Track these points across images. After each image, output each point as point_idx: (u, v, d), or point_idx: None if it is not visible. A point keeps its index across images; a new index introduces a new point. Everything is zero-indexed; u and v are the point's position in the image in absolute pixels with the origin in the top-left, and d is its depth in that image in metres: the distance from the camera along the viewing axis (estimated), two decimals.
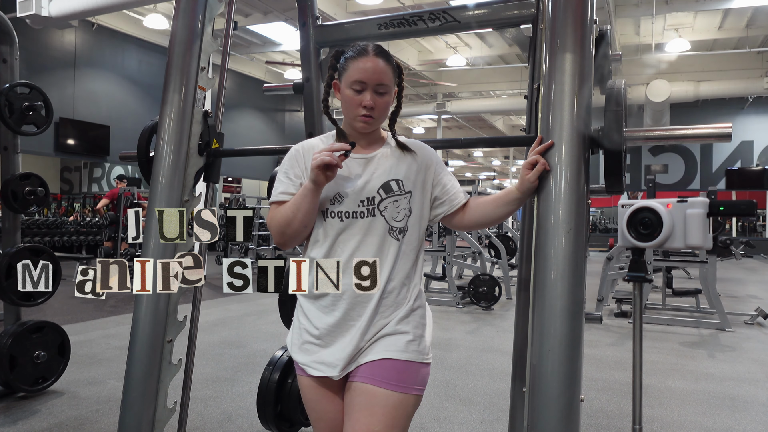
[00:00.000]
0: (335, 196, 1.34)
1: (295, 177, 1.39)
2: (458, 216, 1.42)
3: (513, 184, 7.39)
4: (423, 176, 1.39)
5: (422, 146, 1.44)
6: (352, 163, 1.36)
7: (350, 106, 1.32)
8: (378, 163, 1.37)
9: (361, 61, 1.30)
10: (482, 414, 3.15)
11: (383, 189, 1.34)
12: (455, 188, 1.42)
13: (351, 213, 1.33)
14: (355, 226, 1.33)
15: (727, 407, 3.35)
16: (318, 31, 2.54)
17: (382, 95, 1.31)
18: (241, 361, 4.14)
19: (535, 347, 1.36)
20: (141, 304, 1.84)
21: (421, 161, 1.40)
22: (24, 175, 3.37)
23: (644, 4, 10.99)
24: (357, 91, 1.31)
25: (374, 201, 1.34)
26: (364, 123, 1.33)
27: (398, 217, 1.34)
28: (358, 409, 1.31)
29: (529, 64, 2.07)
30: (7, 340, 3.12)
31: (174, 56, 1.97)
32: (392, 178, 1.35)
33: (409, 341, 1.35)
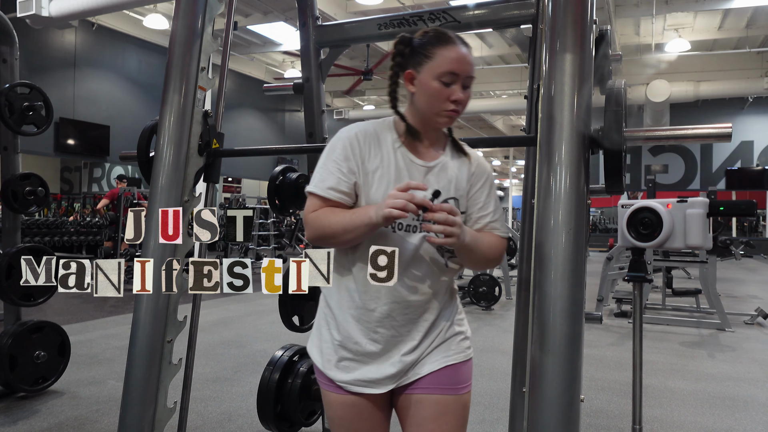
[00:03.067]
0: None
1: (349, 172, 1.24)
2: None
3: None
4: (470, 188, 1.33)
5: (480, 158, 1.37)
6: (413, 169, 1.26)
7: (437, 100, 1.20)
8: (439, 175, 1.27)
9: (452, 51, 1.19)
10: (482, 414, 3.15)
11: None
12: (493, 215, 1.33)
13: (405, 225, 1.24)
14: (408, 239, 1.25)
15: (727, 407, 3.35)
16: (318, 31, 2.54)
17: (467, 89, 1.22)
18: (241, 361, 4.14)
19: (535, 347, 1.36)
20: (141, 304, 1.84)
21: (475, 172, 1.33)
22: (24, 175, 3.37)
23: (644, 4, 10.98)
24: (446, 84, 1.19)
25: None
26: (448, 119, 1.23)
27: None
28: (430, 420, 1.27)
29: (529, 64, 2.07)
30: (7, 340, 3.12)
31: (174, 56, 1.96)
32: (451, 196, 1.28)
33: (462, 340, 1.34)
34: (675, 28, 12.55)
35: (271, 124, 17.26)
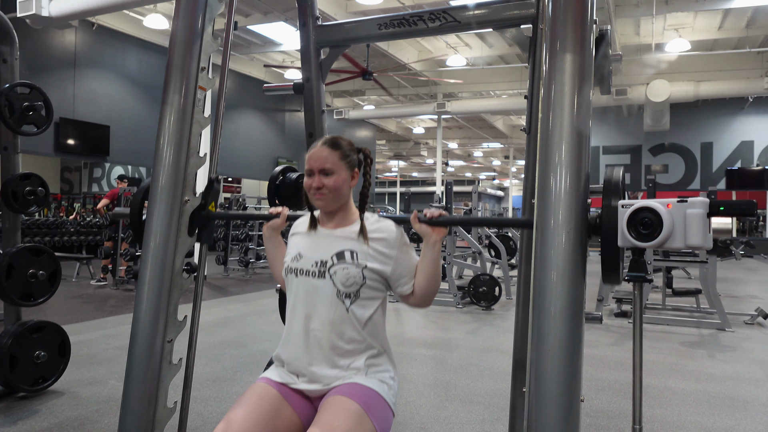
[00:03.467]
0: (296, 255, 1.57)
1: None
2: (410, 299, 1.57)
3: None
4: (382, 257, 1.52)
5: (387, 230, 1.56)
6: (320, 234, 1.59)
7: (306, 189, 1.56)
8: (339, 237, 1.56)
9: (309, 153, 1.56)
10: (482, 414, 3.15)
11: (336, 256, 1.52)
12: (406, 275, 1.55)
13: (304, 271, 1.54)
14: (306, 283, 1.53)
15: (727, 407, 3.35)
16: (318, 31, 2.54)
17: (328, 176, 1.52)
18: (241, 361, 4.15)
19: (535, 347, 1.36)
20: (141, 304, 1.84)
21: (384, 245, 1.53)
22: (24, 175, 3.37)
23: (644, 4, 10.98)
24: (310, 176, 1.54)
25: (326, 264, 1.51)
26: (318, 200, 1.55)
27: (347, 282, 1.49)
28: (323, 410, 1.42)
29: (529, 64, 2.07)
30: (8, 340, 3.12)
31: (174, 56, 1.96)
32: (347, 248, 1.52)
33: (378, 381, 1.51)
34: (675, 28, 12.55)
35: (271, 124, 17.26)
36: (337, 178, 1.52)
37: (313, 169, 1.53)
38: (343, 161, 1.54)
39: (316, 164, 1.53)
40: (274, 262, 1.77)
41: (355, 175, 1.58)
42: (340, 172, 1.53)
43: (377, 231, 1.55)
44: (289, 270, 1.57)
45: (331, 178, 1.52)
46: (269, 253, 1.79)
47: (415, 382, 3.75)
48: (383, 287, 1.56)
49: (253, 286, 8.67)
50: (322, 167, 1.52)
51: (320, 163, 1.52)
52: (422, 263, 1.56)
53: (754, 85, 13.82)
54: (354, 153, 1.58)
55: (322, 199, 1.54)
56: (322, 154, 1.53)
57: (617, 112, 17.27)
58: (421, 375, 3.93)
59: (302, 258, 1.56)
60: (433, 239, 1.55)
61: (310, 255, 1.55)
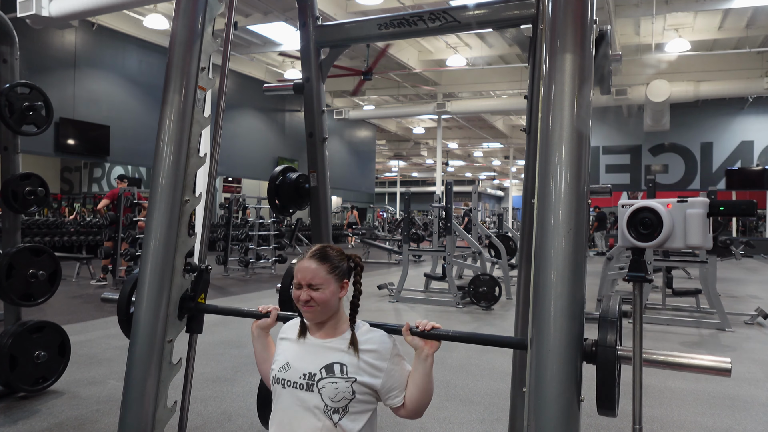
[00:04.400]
0: (284, 365, 1.52)
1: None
2: (401, 411, 1.53)
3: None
4: (373, 370, 1.48)
5: (379, 341, 1.52)
6: (309, 342, 1.55)
7: (295, 301, 1.53)
8: (329, 348, 1.51)
9: (298, 265, 1.53)
10: (482, 414, 3.15)
11: (325, 369, 1.47)
12: (397, 388, 1.51)
13: (292, 382, 1.49)
14: (293, 396, 1.48)
15: (727, 407, 3.35)
16: (318, 31, 2.54)
17: (317, 290, 1.48)
18: (241, 361, 4.15)
19: (535, 347, 1.36)
20: (141, 304, 1.84)
21: (375, 357, 1.49)
22: (24, 175, 3.37)
23: (644, 4, 10.98)
24: (298, 289, 1.51)
25: (314, 377, 1.47)
26: (306, 313, 1.52)
27: (336, 398, 1.45)
28: None
29: (529, 64, 2.07)
30: (8, 340, 3.12)
31: (174, 56, 1.96)
32: (337, 362, 1.48)
33: None
34: (675, 28, 12.55)
35: (271, 124, 17.26)
36: (325, 291, 1.49)
37: (301, 283, 1.50)
38: (331, 274, 1.51)
39: (304, 278, 1.49)
40: (262, 363, 1.73)
41: (345, 285, 1.54)
42: (329, 285, 1.50)
43: (368, 342, 1.51)
44: (276, 380, 1.53)
45: (319, 292, 1.49)
46: (257, 352, 1.76)
47: None
48: (373, 399, 1.51)
49: (253, 286, 8.67)
50: (310, 282, 1.49)
51: (308, 278, 1.49)
52: (414, 376, 1.52)
53: (754, 85, 13.82)
54: (344, 262, 1.55)
55: (310, 311, 1.50)
56: (310, 268, 1.50)
57: (617, 112, 17.27)
58: None
59: (290, 369, 1.51)
60: (425, 353, 1.52)
61: (299, 366, 1.50)
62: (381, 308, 6.72)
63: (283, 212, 2.61)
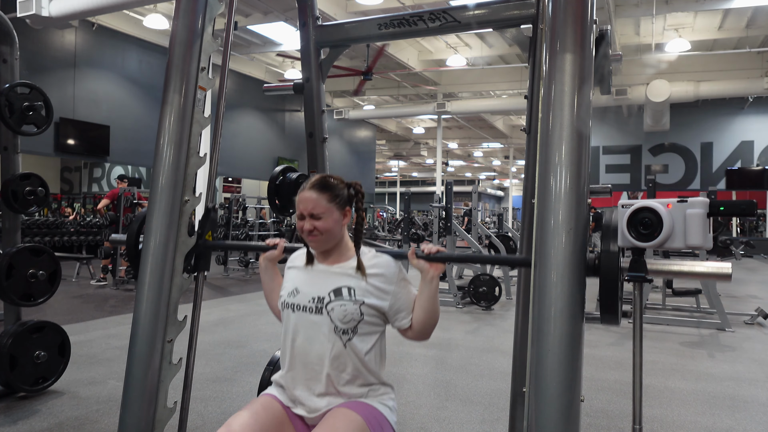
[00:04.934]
0: (293, 290, 1.57)
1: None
2: (408, 333, 1.57)
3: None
4: (380, 293, 1.52)
5: (385, 265, 1.56)
6: (317, 269, 1.59)
7: (299, 231, 1.56)
8: (337, 274, 1.55)
9: (299, 195, 1.56)
10: (482, 414, 3.15)
11: (334, 292, 1.51)
12: (404, 310, 1.55)
13: (301, 306, 1.53)
14: (303, 319, 1.52)
15: (727, 407, 3.35)
16: (318, 31, 2.54)
17: (319, 219, 1.52)
18: (241, 361, 4.15)
19: (535, 347, 1.36)
20: (141, 304, 1.84)
21: (382, 281, 1.53)
22: (24, 175, 3.37)
23: (644, 4, 10.98)
24: (301, 219, 1.55)
25: (323, 301, 1.51)
26: (311, 242, 1.56)
27: (345, 319, 1.48)
28: (324, 421, 1.43)
29: (529, 64, 2.07)
30: (8, 340, 3.12)
31: (174, 56, 1.96)
32: (345, 285, 1.52)
33: (379, 403, 1.52)
34: (675, 28, 12.55)
35: (271, 124, 17.26)
36: (327, 220, 1.52)
37: (304, 213, 1.53)
38: (332, 203, 1.53)
39: (306, 208, 1.52)
40: (270, 294, 1.77)
41: (347, 212, 1.57)
42: (331, 213, 1.52)
43: (375, 266, 1.54)
44: (285, 305, 1.57)
45: (322, 221, 1.51)
46: (265, 284, 1.79)
47: (415, 382, 3.75)
48: (381, 322, 1.55)
49: (253, 286, 8.67)
50: (312, 211, 1.52)
51: (310, 208, 1.52)
52: (420, 299, 1.55)
53: (754, 85, 13.81)
54: (344, 190, 1.57)
55: (314, 241, 1.54)
56: (311, 198, 1.52)
57: (617, 112, 17.27)
58: (421, 375, 3.93)
59: (299, 293, 1.55)
60: (430, 275, 1.54)
61: (307, 290, 1.54)
62: None
63: (283, 212, 2.61)
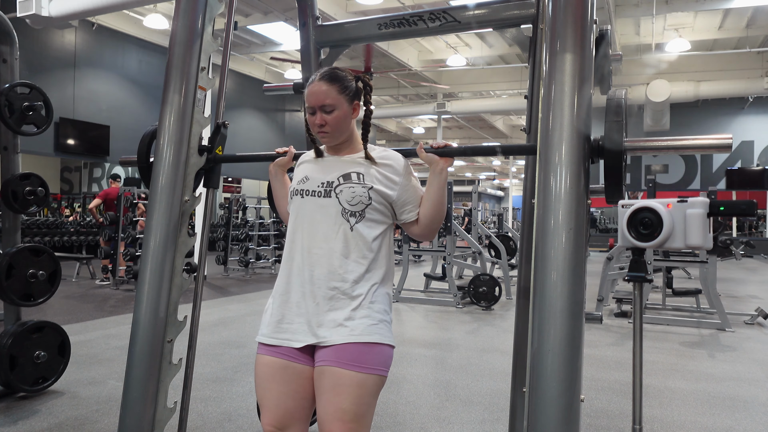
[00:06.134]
0: (303, 178, 1.58)
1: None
2: (414, 228, 1.57)
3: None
4: (388, 182, 1.53)
5: (394, 158, 1.57)
6: (327, 160, 1.60)
7: (310, 127, 1.55)
8: (346, 162, 1.57)
9: (308, 89, 1.53)
10: (482, 414, 3.15)
11: (343, 177, 1.52)
12: (411, 203, 1.56)
13: (310, 191, 1.54)
14: (312, 203, 1.53)
15: (727, 407, 3.35)
16: (318, 31, 2.54)
17: (330, 113, 1.51)
18: (241, 361, 4.15)
19: (535, 347, 1.36)
20: (141, 304, 1.84)
21: (390, 171, 1.54)
22: (24, 175, 3.37)
23: (644, 4, 10.98)
24: (312, 114, 1.53)
25: (332, 184, 1.52)
26: (322, 137, 1.56)
27: (352, 201, 1.49)
28: (327, 390, 1.42)
29: (529, 64, 2.07)
30: (7, 340, 3.12)
31: (174, 56, 1.96)
32: (354, 170, 1.53)
33: (372, 324, 1.46)
34: (675, 28, 12.55)
35: (271, 124, 17.25)
36: (338, 113, 1.51)
37: (314, 107, 1.52)
38: (342, 95, 1.52)
39: (317, 101, 1.51)
40: (279, 200, 1.79)
41: (357, 106, 1.57)
42: (341, 106, 1.52)
43: (384, 158, 1.55)
44: (294, 192, 1.58)
45: (333, 115, 1.51)
46: (275, 190, 1.81)
47: (415, 382, 3.75)
48: (389, 213, 1.55)
49: (253, 286, 8.67)
50: (323, 104, 1.50)
51: (320, 100, 1.51)
52: (428, 190, 1.56)
53: (754, 85, 13.81)
54: (353, 82, 1.56)
55: (325, 136, 1.54)
56: (321, 89, 1.51)
57: None
58: (421, 375, 3.93)
59: (309, 180, 1.56)
60: (440, 166, 1.55)
61: (317, 177, 1.55)
62: None
63: None
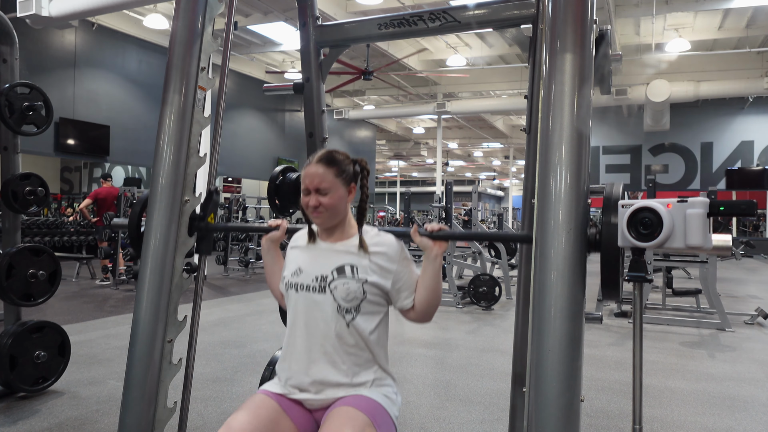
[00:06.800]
0: (296, 270, 1.56)
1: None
2: (411, 314, 1.56)
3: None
4: (382, 272, 1.51)
5: (388, 243, 1.55)
6: (319, 247, 1.58)
7: (304, 207, 1.55)
8: (339, 252, 1.55)
9: (305, 170, 1.54)
10: (482, 414, 3.15)
11: (337, 270, 1.51)
12: (407, 289, 1.54)
13: (305, 286, 1.52)
14: (307, 299, 1.52)
15: (727, 407, 3.35)
16: (318, 31, 2.54)
17: (325, 195, 1.51)
18: (241, 361, 4.15)
19: (535, 347, 1.36)
20: (141, 304, 1.84)
21: (384, 259, 1.52)
22: (24, 175, 3.37)
23: (644, 4, 10.98)
24: (306, 195, 1.53)
25: (326, 279, 1.50)
26: (315, 218, 1.54)
27: (348, 297, 1.48)
28: (328, 421, 1.41)
29: (529, 64, 2.07)
30: (7, 340, 3.12)
31: (174, 56, 1.96)
32: (348, 263, 1.51)
33: (385, 395, 1.51)
34: (675, 28, 12.55)
35: (271, 124, 17.26)
36: (333, 195, 1.51)
37: (309, 188, 1.51)
38: (339, 178, 1.52)
39: (312, 183, 1.51)
40: (271, 276, 1.75)
41: (352, 189, 1.56)
42: (337, 189, 1.51)
43: (377, 245, 1.53)
44: (289, 285, 1.56)
45: (328, 197, 1.50)
46: (267, 265, 1.77)
47: (415, 382, 3.75)
48: (384, 302, 1.54)
49: (253, 286, 8.67)
50: (318, 186, 1.50)
51: (316, 182, 1.50)
52: (423, 277, 1.54)
53: (754, 85, 13.81)
54: (350, 166, 1.55)
55: (319, 217, 1.52)
56: (317, 172, 1.51)
57: (617, 112, 17.27)
58: (421, 375, 3.93)
59: (302, 273, 1.54)
60: (434, 253, 1.54)
61: (310, 269, 1.53)
62: None
63: (283, 212, 2.61)
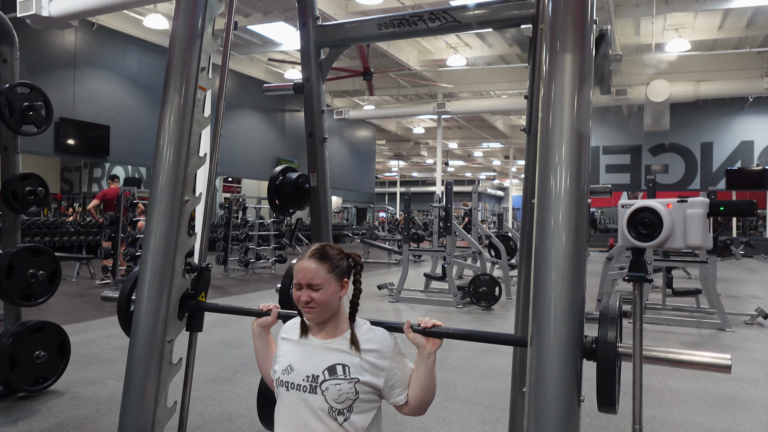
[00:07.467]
0: (287, 367, 1.52)
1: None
2: (404, 409, 1.53)
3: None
4: (375, 369, 1.49)
5: (381, 340, 1.53)
6: (311, 343, 1.54)
7: (296, 302, 1.52)
8: (331, 349, 1.51)
9: (297, 265, 1.53)
10: (482, 414, 3.15)
11: (328, 371, 1.47)
12: (400, 386, 1.51)
13: (296, 385, 1.49)
14: (298, 398, 1.48)
15: (727, 407, 3.35)
16: (318, 31, 2.54)
17: (317, 290, 1.48)
18: (241, 361, 4.15)
19: (535, 347, 1.36)
20: (141, 304, 1.84)
21: (377, 357, 1.50)
22: (24, 175, 3.37)
23: (644, 4, 10.98)
24: (298, 290, 1.51)
25: (317, 379, 1.47)
26: (307, 314, 1.52)
27: (339, 399, 1.45)
28: None
29: (529, 64, 2.07)
30: (8, 340, 3.12)
31: (174, 56, 1.96)
32: (339, 363, 1.48)
33: None
34: (675, 28, 12.55)
35: (271, 124, 17.26)
36: (325, 291, 1.49)
37: (302, 283, 1.50)
38: (331, 274, 1.50)
39: (304, 278, 1.49)
40: (263, 360, 1.72)
41: (345, 284, 1.54)
42: (329, 285, 1.49)
43: (369, 341, 1.51)
44: (280, 382, 1.53)
45: (320, 293, 1.48)
46: (258, 351, 1.75)
47: None
48: (377, 398, 1.52)
49: (253, 286, 8.67)
50: (310, 282, 1.48)
51: (308, 278, 1.49)
52: (416, 374, 1.52)
53: (754, 85, 13.82)
54: (343, 261, 1.54)
55: (311, 312, 1.50)
56: (310, 267, 1.49)
57: (617, 112, 17.27)
58: None
59: (293, 371, 1.51)
60: (427, 351, 1.51)
61: (302, 368, 1.50)
62: (381, 308, 6.72)
63: (283, 212, 2.61)
